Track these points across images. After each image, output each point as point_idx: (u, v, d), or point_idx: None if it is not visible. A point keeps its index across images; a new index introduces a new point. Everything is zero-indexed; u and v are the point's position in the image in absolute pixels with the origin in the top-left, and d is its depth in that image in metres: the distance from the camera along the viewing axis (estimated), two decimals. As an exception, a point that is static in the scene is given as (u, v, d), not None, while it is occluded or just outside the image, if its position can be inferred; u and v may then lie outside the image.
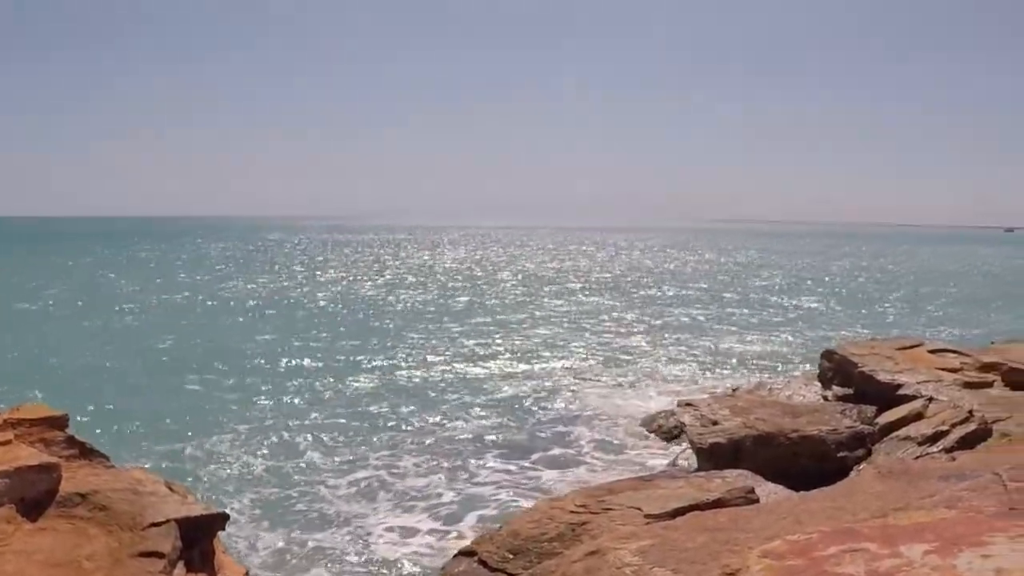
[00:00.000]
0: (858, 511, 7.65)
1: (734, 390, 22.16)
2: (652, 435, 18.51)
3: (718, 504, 9.14)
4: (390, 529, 13.28)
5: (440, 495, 14.85)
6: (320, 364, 26.77)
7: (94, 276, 63.35)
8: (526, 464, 16.62)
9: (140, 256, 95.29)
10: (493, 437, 18.64)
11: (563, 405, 21.54)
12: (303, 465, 16.46)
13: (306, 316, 40.07)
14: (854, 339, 25.16)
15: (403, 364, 27.07)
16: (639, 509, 9.00)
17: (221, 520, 6.90)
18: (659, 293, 55.51)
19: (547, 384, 24.06)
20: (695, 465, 14.72)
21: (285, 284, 57.97)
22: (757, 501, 9.73)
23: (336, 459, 16.85)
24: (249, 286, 56.07)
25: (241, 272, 70.00)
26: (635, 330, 36.22)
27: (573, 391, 23.16)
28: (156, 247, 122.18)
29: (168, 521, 6.24)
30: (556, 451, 17.51)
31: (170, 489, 7.00)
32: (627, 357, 28.94)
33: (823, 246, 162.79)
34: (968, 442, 12.66)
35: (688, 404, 17.52)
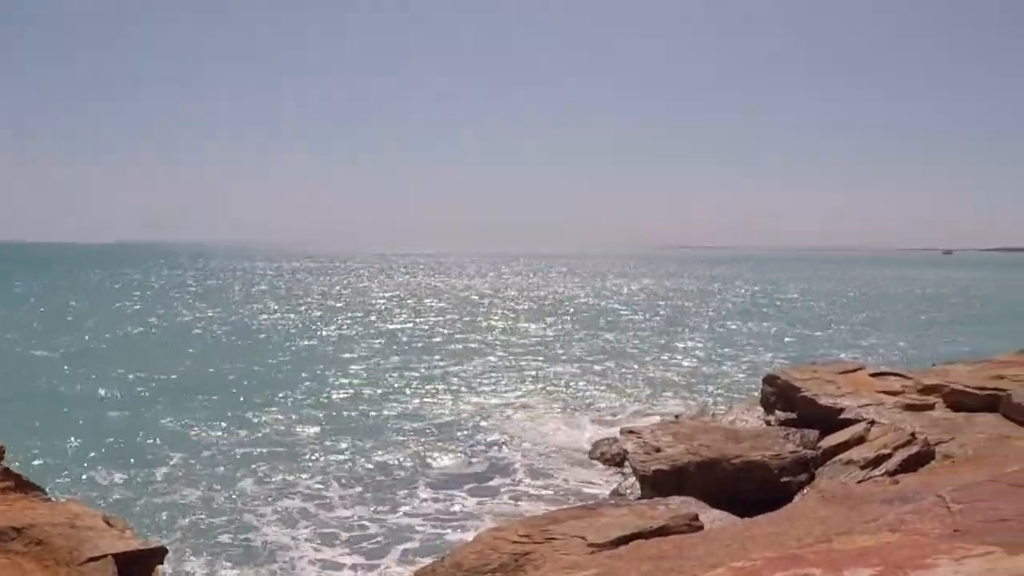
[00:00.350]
0: (802, 536, 7.79)
1: (677, 416, 22.34)
2: (595, 463, 18.61)
3: (662, 532, 9.24)
4: (313, 563, 13.24)
5: (366, 527, 14.81)
6: (253, 392, 26.60)
7: (48, 303, 62.22)
8: (459, 494, 16.61)
9: (82, 283, 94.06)
10: (426, 466, 18.62)
11: (502, 433, 21.55)
12: (235, 495, 16.36)
13: (240, 344, 39.80)
14: (796, 363, 25.50)
15: (335, 392, 27.00)
16: (583, 538, 9.07)
17: (159, 554, 6.87)
18: (602, 319, 55.81)
19: (484, 412, 24.09)
20: (639, 492, 14.84)
21: (221, 312, 57.41)
22: (701, 528, 9.86)
23: (267, 488, 16.78)
24: (185, 314, 55.61)
25: (176, 300, 69.32)
26: (576, 356, 36.38)
27: (512, 419, 23.20)
28: (102, 273, 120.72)
29: (105, 556, 6.20)
30: (495, 481, 17.52)
31: (107, 523, 6.95)
32: (568, 384, 29.08)
33: (766, 271, 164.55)
34: (911, 465, 12.90)
35: (631, 431, 17.65)
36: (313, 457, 19.27)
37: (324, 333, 45.34)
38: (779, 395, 20.28)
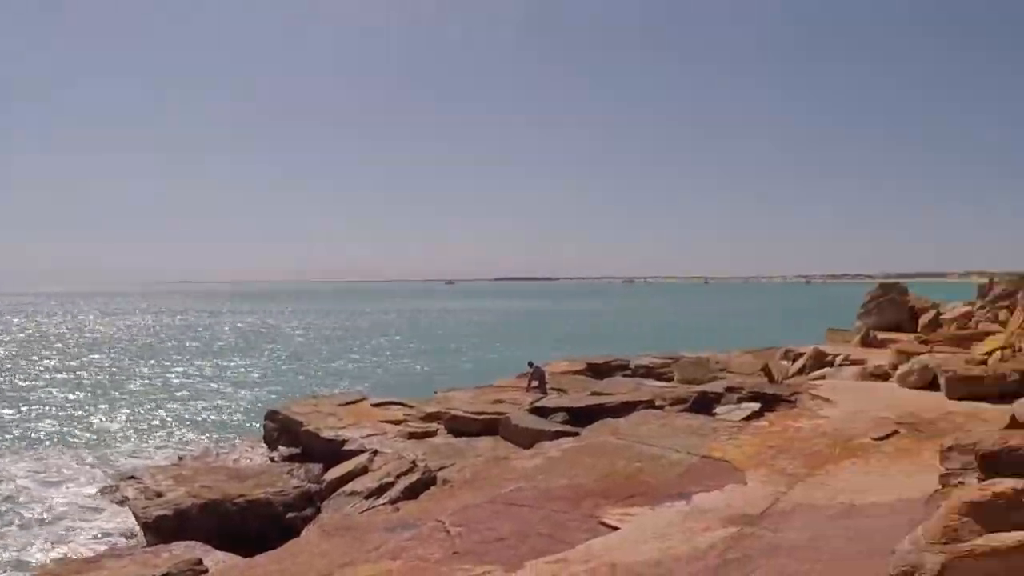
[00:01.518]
0: (304, 572, 8.02)
1: (180, 458, 21.98)
2: (95, 512, 17.80)
3: (165, 580, 9.13)
4: None
5: None
6: None
7: None
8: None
9: None
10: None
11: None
12: None
13: None
14: (297, 397, 25.84)
15: None
16: (80, 594, 8.78)
17: None
18: (94, 360, 53.25)
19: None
20: (144, 540, 14.47)
21: None
22: (206, 572, 9.85)
23: None
24: None
25: None
26: (69, 400, 34.53)
27: (6, 469, 21.69)
28: None
29: None
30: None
31: None
32: (64, 429, 27.55)
33: (276, 306, 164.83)
34: (414, 491, 13.59)
35: (131, 477, 17.17)
36: None
37: None
38: (282, 430, 20.54)
